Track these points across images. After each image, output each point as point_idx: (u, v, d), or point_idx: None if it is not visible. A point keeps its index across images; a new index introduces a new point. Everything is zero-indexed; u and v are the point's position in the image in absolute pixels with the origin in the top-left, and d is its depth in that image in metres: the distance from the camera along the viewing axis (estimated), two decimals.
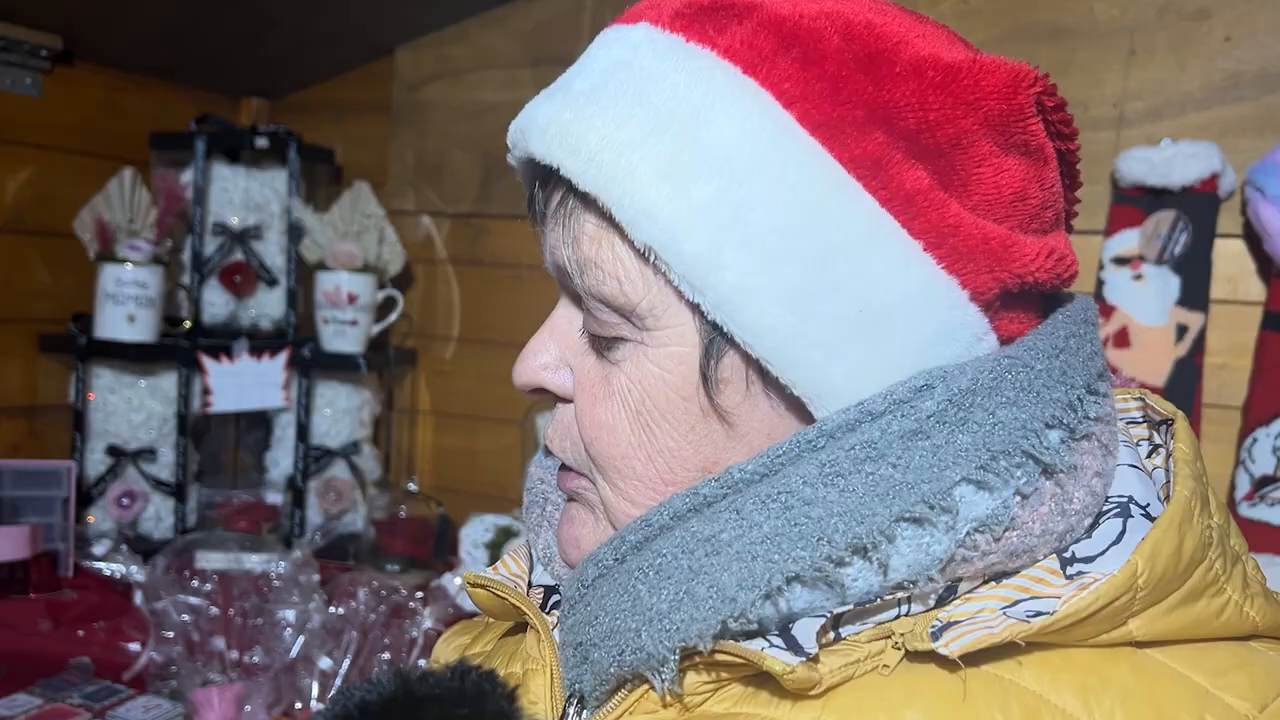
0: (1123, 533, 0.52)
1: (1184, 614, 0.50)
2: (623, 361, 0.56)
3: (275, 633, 1.68)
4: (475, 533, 1.97)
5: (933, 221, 0.51)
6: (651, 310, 0.54)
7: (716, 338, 0.54)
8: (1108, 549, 0.52)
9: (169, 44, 2.00)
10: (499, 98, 2.14)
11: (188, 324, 2.00)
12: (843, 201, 0.51)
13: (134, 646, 1.71)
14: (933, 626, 0.49)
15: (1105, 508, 0.54)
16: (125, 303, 1.89)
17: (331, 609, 1.61)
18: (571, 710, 0.57)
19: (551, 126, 0.54)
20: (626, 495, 0.57)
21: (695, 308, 0.53)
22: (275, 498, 2.03)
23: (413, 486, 2.14)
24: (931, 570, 0.49)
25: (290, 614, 1.68)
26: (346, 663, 1.55)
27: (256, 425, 2.13)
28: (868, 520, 0.48)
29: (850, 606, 0.50)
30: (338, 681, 1.58)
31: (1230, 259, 1.62)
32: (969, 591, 0.52)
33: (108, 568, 1.72)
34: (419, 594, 1.66)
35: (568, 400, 0.59)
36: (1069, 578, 0.51)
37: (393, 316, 2.14)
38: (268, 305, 2.09)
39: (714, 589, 0.49)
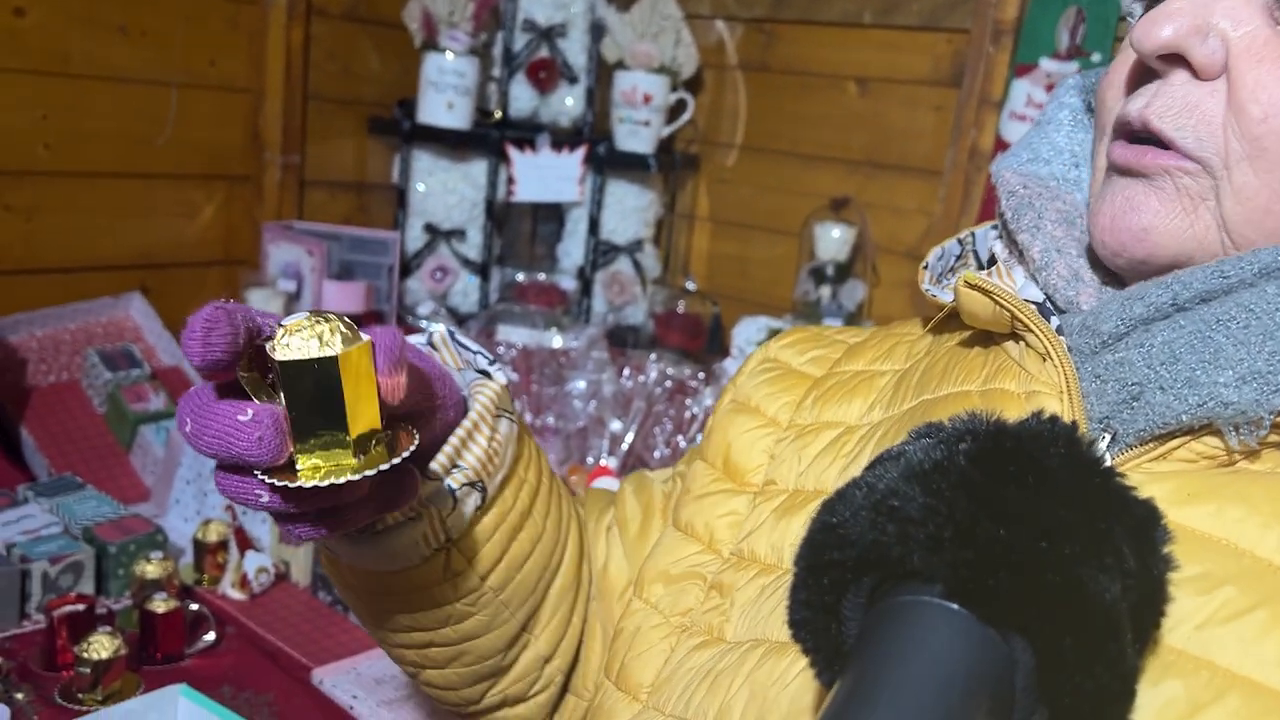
0: None
1: None
2: None
3: (568, 400, 1.85)
4: (749, 331, 2.06)
5: None
6: None
7: None
8: None
9: None
10: None
11: (498, 114, 2.14)
12: None
13: None
14: None
15: None
16: (445, 90, 2.04)
17: (622, 380, 1.74)
18: (1103, 443, 0.54)
19: None
20: (1277, 190, 0.52)
21: None
22: (568, 284, 2.18)
23: (691, 285, 2.24)
24: None
25: (582, 384, 1.84)
26: (634, 427, 1.70)
27: (551, 217, 2.27)
28: None
29: None
30: (625, 444, 1.73)
31: None
32: None
33: (431, 327, 1.92)
34: (700, 375, 1.78)
35: (1204, 77, 0.54)
36: None
37: (684, 118, 2.20)
38: (567, 102, 2.20)
39: None
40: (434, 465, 0.64)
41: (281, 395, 0.49)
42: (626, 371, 1.80)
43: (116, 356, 1.65)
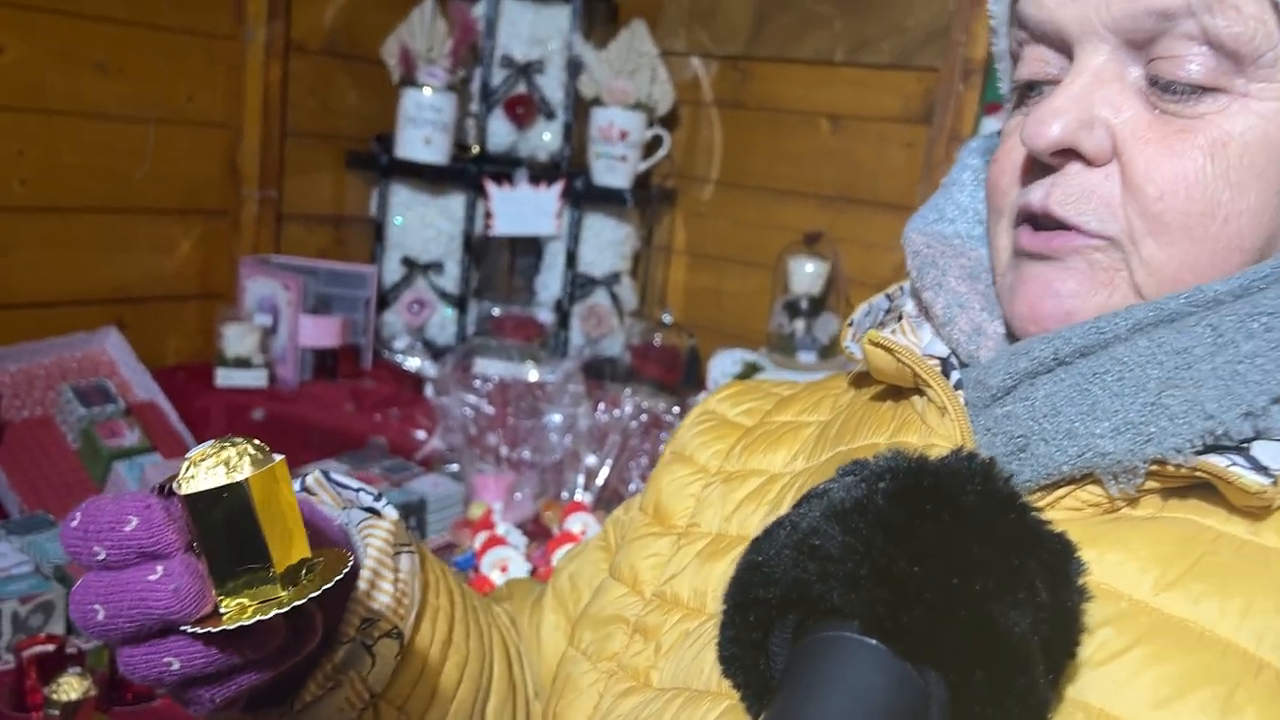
0: None
1: None
2: (1211, 115, 0.53)
3: (544, 434, 1.86)
4: (724, 364, 2.08)
5: None
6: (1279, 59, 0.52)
7: None
8: None
9: None
10: None
11: (476, 149, 2.16)
12: None
13: (420, 434, 1.93)
14: None
15: None
16: (423, 125, 2.06)
17: (598, 414, 1.76)
18: None
19: None
20: (1183, 260, 0.54)
21: None
22: (545, 316, 2.20)
23: (667, 318, 2.26)
24: None
25: (558, 418, 1.85)
26: (609, 461, 1.71)
27: (528, 251, 2.29)
28: None
29: None
30: (600, 478, 1.74)
31: None
32: None
33: (406, 361, 1.93)
34: (675, 409, 1.79)
35: (1095, 164, 0.56)
36: None
37: (659, 154, 2.23)
38: (545, 137, 2.22)
39: (1190, 404, 0.49)
40: (343, 626, 0.60)
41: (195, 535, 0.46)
42: (602, 405, 1.81)
43: (91, 392, 1.66)
